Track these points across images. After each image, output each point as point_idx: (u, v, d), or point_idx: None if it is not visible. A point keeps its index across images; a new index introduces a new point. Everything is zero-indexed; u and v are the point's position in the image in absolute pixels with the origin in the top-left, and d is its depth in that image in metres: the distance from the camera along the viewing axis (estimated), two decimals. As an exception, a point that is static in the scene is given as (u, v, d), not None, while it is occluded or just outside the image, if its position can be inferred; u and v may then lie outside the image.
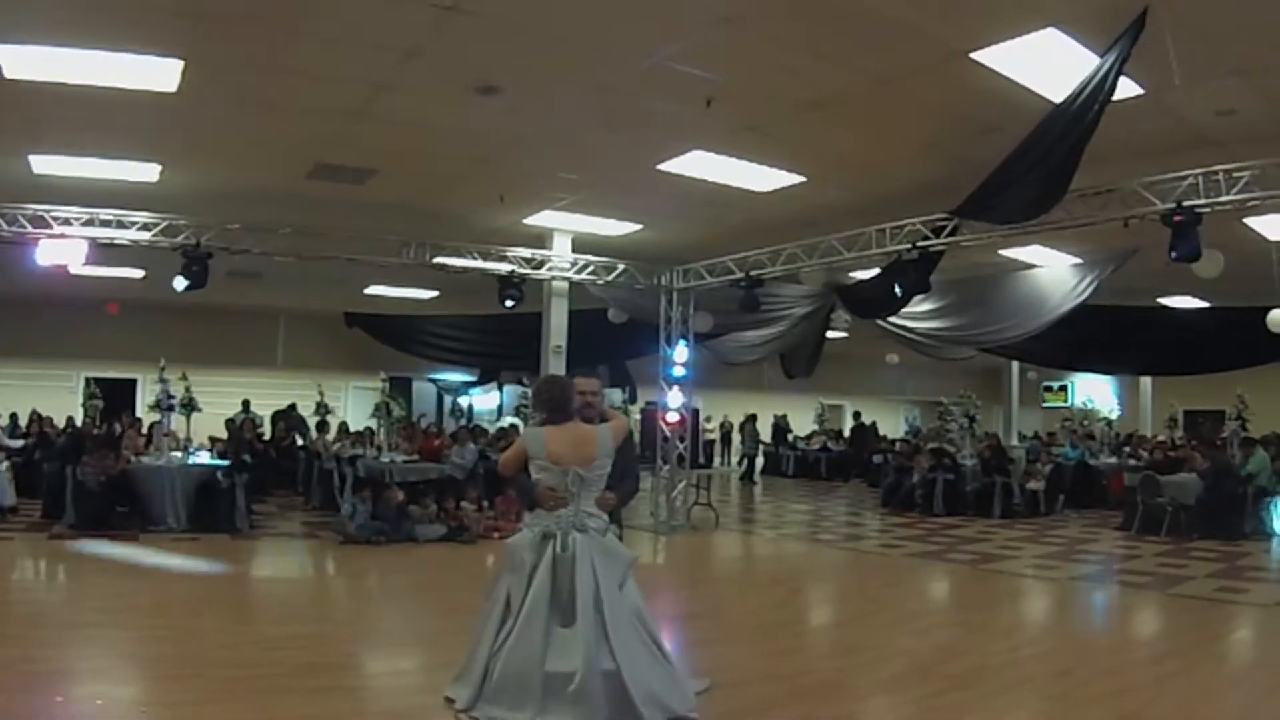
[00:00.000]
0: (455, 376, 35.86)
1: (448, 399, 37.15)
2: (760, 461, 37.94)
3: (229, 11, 10.42)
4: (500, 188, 17.37)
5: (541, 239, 20.92)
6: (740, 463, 38.11)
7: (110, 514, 17.53)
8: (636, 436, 29.83)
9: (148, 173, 16.35)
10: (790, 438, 39.15)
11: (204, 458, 19.93)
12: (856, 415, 37.78)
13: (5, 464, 19.55)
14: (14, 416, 25.45)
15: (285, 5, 10.31)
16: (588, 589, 7.49)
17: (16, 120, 13.82)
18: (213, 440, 21.82)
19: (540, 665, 7.37)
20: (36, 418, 25.32)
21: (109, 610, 11.55)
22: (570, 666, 7.29)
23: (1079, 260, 18.68)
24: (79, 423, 23.95)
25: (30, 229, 16.26)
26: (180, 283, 16.99)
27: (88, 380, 25.54)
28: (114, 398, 25.12)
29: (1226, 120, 12.73)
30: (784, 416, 38.93)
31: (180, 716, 7.80)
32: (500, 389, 36.45)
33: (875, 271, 18.67)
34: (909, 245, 15.90)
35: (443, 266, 19.61)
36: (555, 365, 20.27)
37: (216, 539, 17.29)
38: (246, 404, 28.85)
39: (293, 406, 29.44)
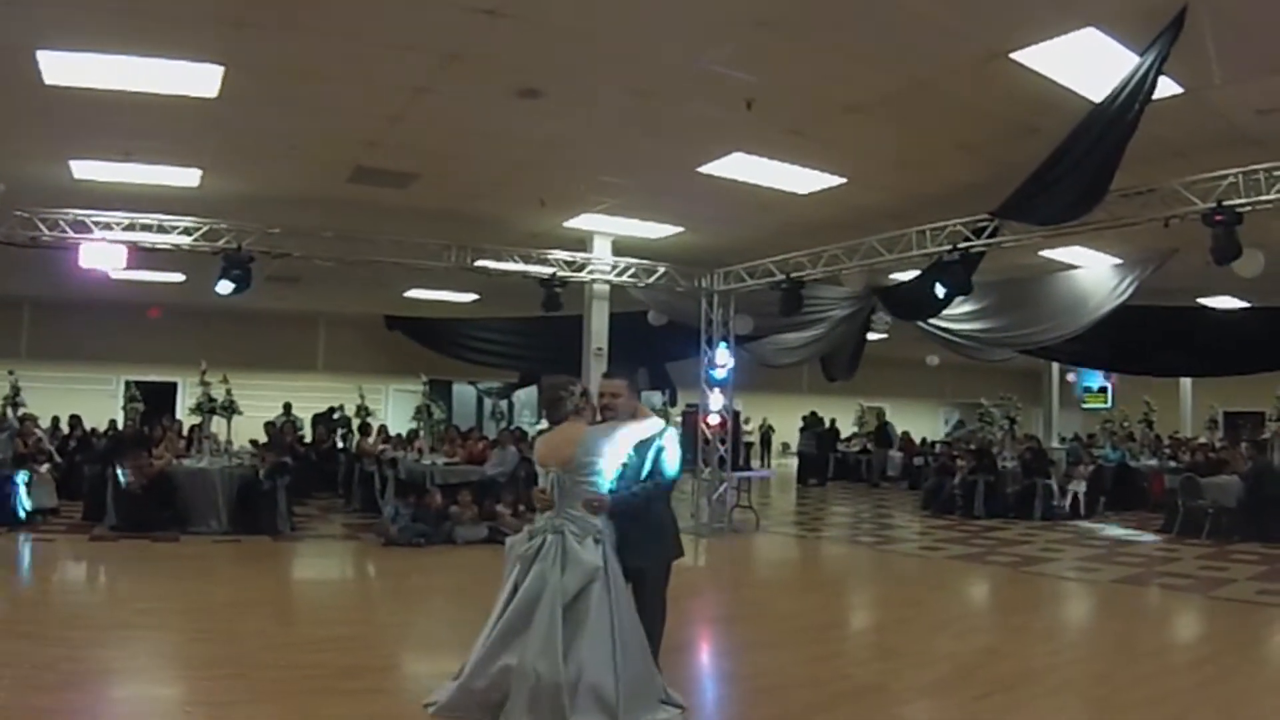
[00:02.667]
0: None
1: (488, 402, 37.21)
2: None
3: (269, 17, 10.46)
4: (541, 191, 17.43)
5: (582, 242, 20.96)
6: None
7: (151, 516, 17.59)
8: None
9: (188, 177, 16.43)
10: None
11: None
12: (813, 414, 37.24)
13: (46, 466, 19.66)
14: (55, 420, 25.61)
15: (325, 10, 10.34)
16: (533, 590, 7.45)
17: (57, 126, 13.91)
18: (254, 444, 21.91)
19: (492, 659, 7.37)
20: (74, 423, 25.47)
21: (150, 611, 11.64)
22: (509, 661, 7.30)
23: (1119, 260, 18.62)
24: (120, 426, 24.08)
25: (71, 234, 16.38)
26: (225, 286, 17.08)
27: (128, 384, 25.67)
28: (154, 401, 25.25)
29: (1267, 119, 12.65)
30: (818, 417, 38.65)
31: (223, 717, 7.86)
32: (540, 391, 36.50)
33: (916, 273, 18.65)
34: (950, 246, 15.89)
35: (484, 270, 19.67)
36: (596, 368, 20.21)
37: (258, 541, 17.41)
38: (288, 407, 28.98)
39: (331, 410, 29.57)
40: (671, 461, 8.11)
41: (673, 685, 8.12)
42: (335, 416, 29.26)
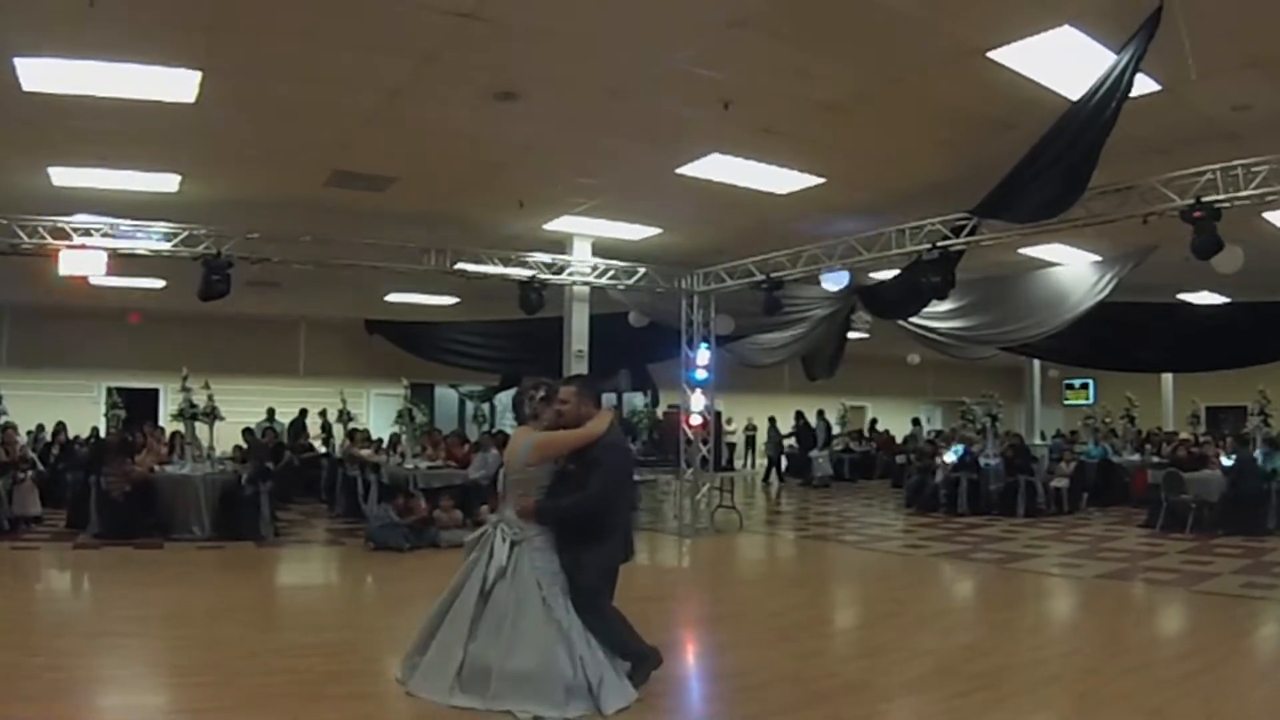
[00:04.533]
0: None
1: (469, 405, 37.14)
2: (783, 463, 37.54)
3: (246, 22, 10.47)
4: (519, 193, 17.41)
5: (561, 244, 20.96)
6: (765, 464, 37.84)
7: (134, 523, 17.57)
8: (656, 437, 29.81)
9: (167, 183, 16.40)
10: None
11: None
12: (799, 415, 36.98)
13: (30, 473, 19.56)
14: (39, 428, 25.53)
15: (302, 14, 10.34)
16: (459, 580, 8.32)
17: (36, 133, 13.89)
18: (239, 450, 21.88)
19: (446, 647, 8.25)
20: (57, 431, 25.38)
21: (134, 619, 11.58)
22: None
23: (1099, 258, 18.67)
24: (102, 433, 24.01)
25: (51, 240, 16.33)
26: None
27: (109, 390, 25.58)
28: (136, 407, 25.15)
29: (1244, 115, 12.71)
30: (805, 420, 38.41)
31: (207, 725, 7.85)
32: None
33: (896, 272, 18.68)
34: (929, 245, 15.91)
35: (463, 273, 19.67)
36: (577, 370, 20.27)
37: (241, 547, 17.38)
38: (271, 412, 28.98)
39: (303, 413, 29.62)
40: (597, 479, 8.23)
41: (656, 683, 8.17)
42: (305, 421, 29.34)
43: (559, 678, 7.85)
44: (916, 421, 39.77)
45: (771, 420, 37.43)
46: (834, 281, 19.33)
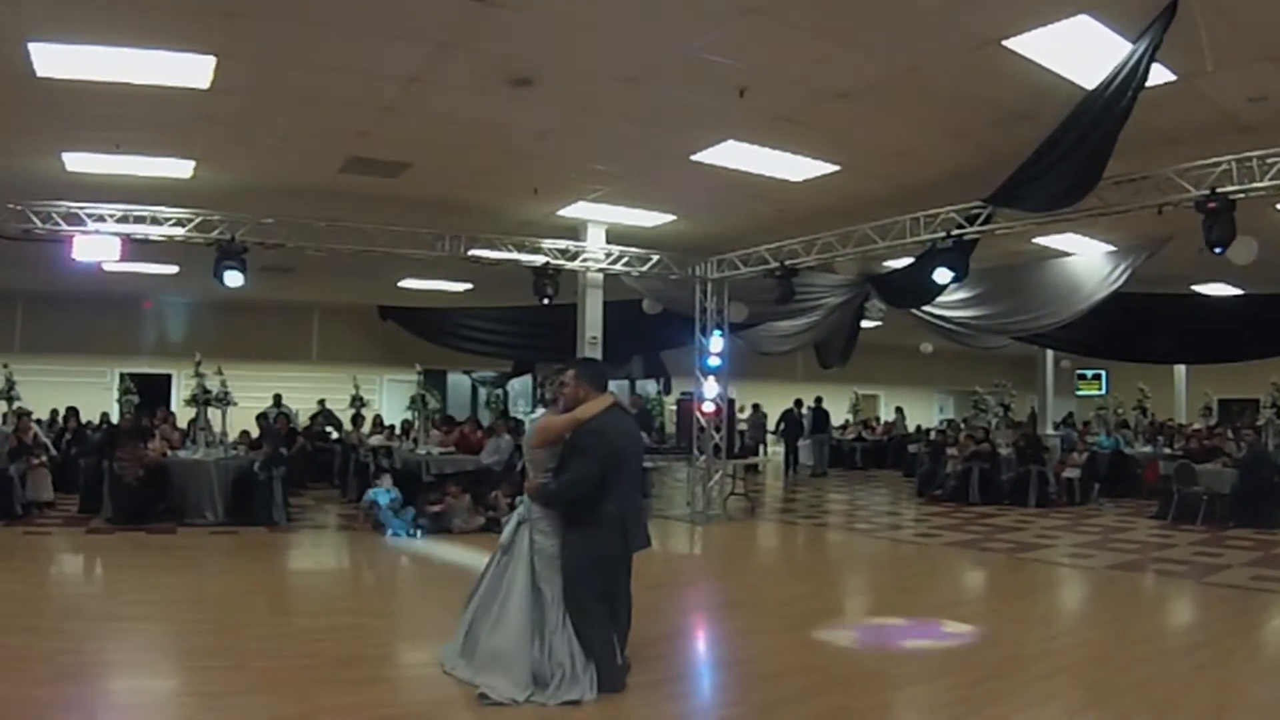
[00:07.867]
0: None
1: (482, 391, 37.16)
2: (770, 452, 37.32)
3: (261, 8, 10.45)
4: (534, 180, 17.40)
5: (576, 230, 20.92)
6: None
7: (147, 508, 17.62)
8: (670, 428, 29.83)
9: (181, 169, 16.39)
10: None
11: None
12: (798, 403, 36.75)
13: (43, 457, 19.59)
14: (54, 413, 25.56)
15: (317, 0, 10.34)
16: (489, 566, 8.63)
17: (50, 118, 13.88)
18: (245, 435, 21.86)
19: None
20: (70, 416, 25.37)
21: (147, 603, 11.61)
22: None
23: (1113, 248, 18.63)
24: (114, 419, 24.04)
25: (65, 226, 16.33)
26: (235, 278, 17.03)
27: (122, 376, 25.57)
28: (149, 393, 25.17)
29: (1260, 106, 12.67)
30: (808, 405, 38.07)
31: (221, 707, 7.86)
32: (535, 381, 36.38)
33: (909, 260, 18.67)
34: (943, 234, 15.89)
35: (477, 259, 19.64)
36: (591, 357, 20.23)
37: (254, 532, 17.41)
38: (278, 398, 29.00)
39: (321, 403, 29.67)
40: (577, 464, 8.31)
41: (669, 670, 8.18)
42: (324, 409, 29.45)
43: (526, 660, 8.00)
44: (900, 410, 39.85)
45: (755, 406, 37.11)
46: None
